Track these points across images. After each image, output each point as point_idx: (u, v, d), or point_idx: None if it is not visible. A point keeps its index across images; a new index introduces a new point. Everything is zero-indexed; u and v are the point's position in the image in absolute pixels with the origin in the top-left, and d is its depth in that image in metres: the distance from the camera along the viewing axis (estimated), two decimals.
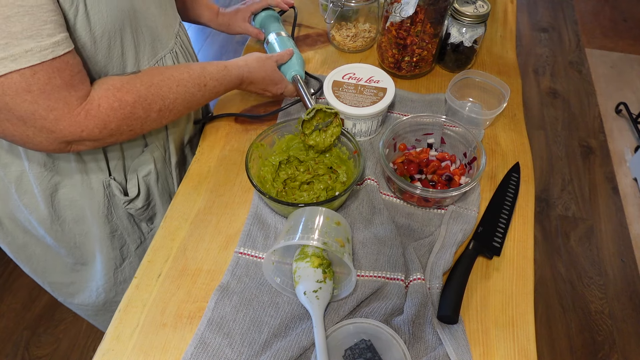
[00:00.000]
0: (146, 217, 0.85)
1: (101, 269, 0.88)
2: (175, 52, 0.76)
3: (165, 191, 0.84)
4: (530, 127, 2.07)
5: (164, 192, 0.84)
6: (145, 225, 0.86)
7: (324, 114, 0.73)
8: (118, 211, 0.80)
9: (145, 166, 0.78)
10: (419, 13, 0.81)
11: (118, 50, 0.64)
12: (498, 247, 0.69)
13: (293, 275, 0.63)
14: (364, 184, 0.75)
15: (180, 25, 0.80)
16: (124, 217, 0.82)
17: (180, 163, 0.86)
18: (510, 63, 0.99)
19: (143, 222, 0.86)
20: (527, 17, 2.70)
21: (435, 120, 0.77)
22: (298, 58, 0.87)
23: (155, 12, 0.70)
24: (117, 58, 0.64)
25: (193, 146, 0.89)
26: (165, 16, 0.73)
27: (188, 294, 0.65)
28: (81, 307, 0.96)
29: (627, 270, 1.66)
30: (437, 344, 0.59)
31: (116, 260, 0.87)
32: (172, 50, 0.75)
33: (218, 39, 2.59)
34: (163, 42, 0.72)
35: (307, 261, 0.61)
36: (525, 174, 0.79)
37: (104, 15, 0.58)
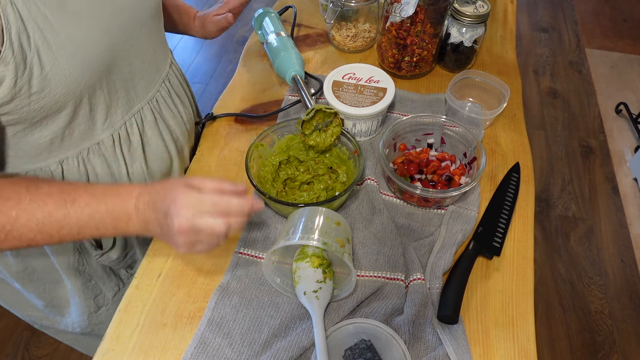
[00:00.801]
0: (124, 266, 0.80)
1: (75, 313, 0.83)
2: (155, 102, 0.70)
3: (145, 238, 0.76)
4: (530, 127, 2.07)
5: (144, 239, 0.76)
6: (124, 272, 0.82)
7: (323, 114, 0.73)
8: (91, 262, 0.76)
9: None
10: (419, 13, 0.81)
11: (85, 108, 0.58)
12: (498, 247, 0.69)
13: (293, 275, 0.63)
14: (364, 184, 0.75)
15: (171, 66, 0.75)
16: (98, 268, 0.77)
17: None
18: (510, 63, 0.99)
19: (122, 270, 0.81)
20: (527, 17, 2.70)
21: (435, 120, 0.77)
22: (298, 58, 0.87)
23: (137, 63, 0.64)
24: (84, 117, 0.59)
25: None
26: (150, 63, 0.67)
27: (188, 294, 0.65)
28: (59, 334, 0.92)
29: (627, 270, 1.66)
30: (437, 344, 0.59)
31: (90, 308, 0.82)
32: (152, 100, 0.69)
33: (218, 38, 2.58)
34: (142, 93, 0.67)
35: (307, 261, 0.61)
36: (525, 174, 0.79)
37: (66, 76, 0.52)
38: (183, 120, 0.77)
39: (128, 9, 0.60)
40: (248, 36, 1.05)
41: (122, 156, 0.67)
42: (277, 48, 0.89)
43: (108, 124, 0.63)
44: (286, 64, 0.86)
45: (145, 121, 0.69)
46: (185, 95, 0.80)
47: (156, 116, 0.70)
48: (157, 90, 0.70)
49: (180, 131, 0.76)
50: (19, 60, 0.47)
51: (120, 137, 0.65)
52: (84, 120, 0.59)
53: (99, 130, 0.62)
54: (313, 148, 0.76)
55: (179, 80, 0.78)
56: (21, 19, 0.47)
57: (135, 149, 0.68)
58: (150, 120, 0.69)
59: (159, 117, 0.71)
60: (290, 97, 0.91)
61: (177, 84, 0.77)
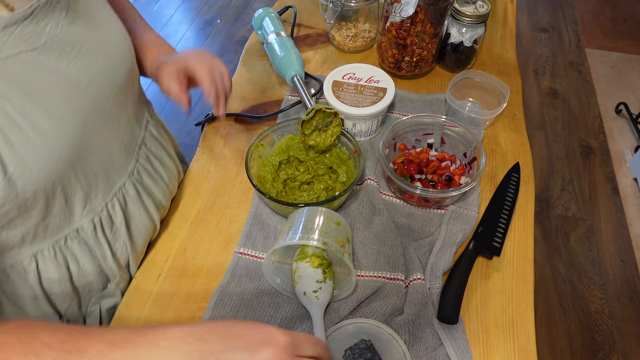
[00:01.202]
0: None
1: None
2: (137, 174, 0.63)
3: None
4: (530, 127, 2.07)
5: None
6: None
7: (323, 114, 0.73)
8: None
9: (110, 299, 0.65)
10: (419, 13, 0.81)
11: (59, 201, 0.51)
12: (498, 247, 0.69)
13: (293, 275, 0.63)
14: (364, 184, 0.75)
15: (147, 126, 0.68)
16: None
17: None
18: (510, 63, 0.99)
19: None
20: (527, 17, 2.70)
21: (435, 120, 0.77)
22: (298, 58, 0.87)
23: (112, 137, 0.58)
24: (60, 209, 0.52)
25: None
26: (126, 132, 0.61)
27: (188, 294, 0.65)
28: None
29: (627, 270, 1.66)
30: (437, 344, 0.59)
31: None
32: (134, 172, 0.63)
33: (218, 38, 2.59)
34: (121, 169, 0.61)
35: (307, 261, 0.61)
36: (525, 174, 0.79)
37: (34, 173, 0.46)
38: (165, 182, 0.70)
39: (98, 79, 0.54)
40: (248, 36, 1.05)
41: (105, 239, 0.60)
42: (277, 48, 0.89)
43: (88, 210, 0.56)
44: (286, 64, 0.86)
45: (128, 197, 0.62)
46: (166, 152, 0.72)
47: (138, 189, 0.64)
48: (137, 161, 0.64)
49: (163, 195, 0.69)
50: None
51: (102, 219, 0.58)
52: (60, 212, 0.53)
53: (77, 217, 0.55)
54: (313, 148, 0.76)
55: (157, 139, 0.70)
56: None
57: (118, 228, 0.61)
58: (132, 195, 0.63)
59: (142, 189, 0.64)
60: (290, 97, 0.91)
61: (155, 145, 0.69)
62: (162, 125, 0.77)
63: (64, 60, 0.49)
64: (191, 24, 2.71)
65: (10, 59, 0.44)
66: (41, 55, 0.47)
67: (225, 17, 2.72)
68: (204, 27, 2.68)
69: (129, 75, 0.60)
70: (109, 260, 0.61)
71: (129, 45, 0.61)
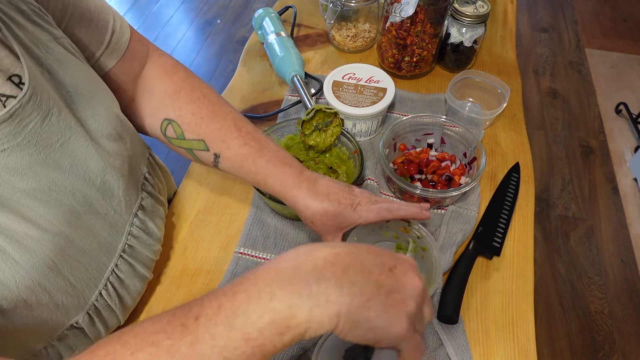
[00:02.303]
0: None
1: None
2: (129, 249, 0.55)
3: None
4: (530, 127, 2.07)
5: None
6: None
7: (323, 114, 0.73)
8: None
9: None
10: (419, 13, 0.81)
11: (48, 305, 0.45)
12: (498, 247, 0.69)
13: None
14: (364, 184, 0.75)
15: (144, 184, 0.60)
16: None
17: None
18: (510, 63, 0.99)
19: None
20: (527, 17, 2.70)
21: (435, 120, 0.77)
22: (298, 58, 0.87)
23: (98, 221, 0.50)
24: (49, 313, 0.46)
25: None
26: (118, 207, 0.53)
27: (188, 294, 0.65)
28: None
29: (627, 270, 1.66)
30: (438, 344, 0.59)
31: None
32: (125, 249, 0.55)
33: (218, 38, 2.59)
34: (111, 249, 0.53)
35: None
36: (525, 174, 0.79)
37: (12, 289, 0.41)
38: (158, 238, 0.62)
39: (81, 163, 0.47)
40: (248, 36, 1.05)
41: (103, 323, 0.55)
42: (277, 48, 0.89)
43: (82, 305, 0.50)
44: (286, 64, 0.86)
45: (122, 275, 0.55)
46: (161, 204, 0.65)
47: (131, 262, 0.56)
48: (129, 232, 0.55)
49: (154, 251, 0.61)
50: None
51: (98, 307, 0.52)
52: (49, 317, 0.46)
53: (71, 314, 0.49)
54: (313, 148, 0.76)
55: (152, 194, 0.62)
56: None
57: (114, 308, 0.55)
58: (126, 272, 0.56)
59: (135, 261, 0.57)
60: (290, 97, 0.91)
61: (152, 203, 0.61)
62: (156, 164, 0.69)
63: (42, 152, 0.42)
64: (191, 24, 2.71)
65: None
66: (11, 157, 0.40)
67: (225, 17, 2.72)
68: (204, 27, 2.68)
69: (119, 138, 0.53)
70: (102, 336, 0.55)
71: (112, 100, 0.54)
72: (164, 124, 0.59)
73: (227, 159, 0.58)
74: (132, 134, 0.58)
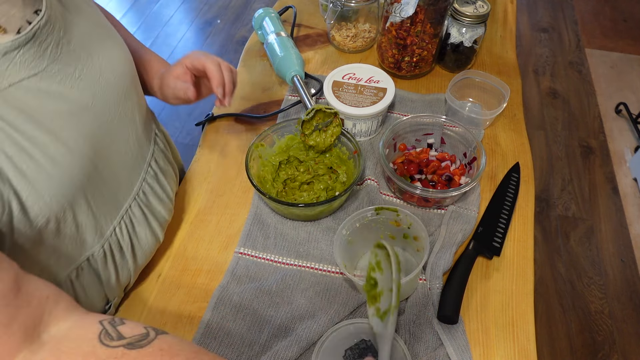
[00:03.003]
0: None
1: None
2: (142, 195, 0.62)
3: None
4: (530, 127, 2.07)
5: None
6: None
7: (323, 114, 0.73)
8: None
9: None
10: (419, 13, 0.81)
11: (71, 227, 0.50)
12: (498, 247, 0.69)
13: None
14: (364, 184, 0.75)
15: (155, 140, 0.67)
16: None
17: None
18: (510, 63, 0.99)
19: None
20: (527, 17, 2.70)
21: (435, 120, 0.77)
22: (298, 58, 0.87)
23: (119, 156, 0.57)
24: (71, 236, 0.51)
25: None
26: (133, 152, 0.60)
27: (188, 294, 0.65)
28: None
29: (627, 270, 1.66)
30: (438, 344, 0.59)
31: None
32: (139, 194, 0.61)
33: (218, 38, 2.59)
34: (127, 190, 0.60)
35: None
36: (525, 174, 0.79)
37: (46, 201, 0.45)
38: (169, 198, 0.69)
39: (103, 97, 0.53)
40: (248, 36, 1.05)
41: (114, 265, 0.59)
42: (277, 48, 0.89)
43: (98, 236, 0.55)
44: (286, 64, 0.86)
45: (135, 220, 0.61)
46: (171, 166, 0.71)
47: (144, 210, 0.63)
48: (143, 179, 0.63)
49: (167, 210, 0.67)
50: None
51: (111, 245, 0.58)
52: (71, 241, 0.52)
53: (88, 245, 0.54)
54: (313, 148, 0.76)
55: (164, 153, 0.70)
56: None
57: (125, 252, 0.60)
58: (138, 217, 0.62)
59: (147, 210, 0.63)
60: (290, 97, 0.91)
61: (162, 160, 0.68)
62: (167, 137, 0.77)
63: (67, 82, 0.48)
64: (191, 24, 2.71)
65: (14, 87, 0.43)
66: (44, 80, 0.46)
67: (225, 17, 2.72)
68: (204, 27, 2.68)
69: (133, 87, 0.59)
70: (112, 284, 0.60)
71: (128, 56, 0.60)
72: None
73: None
74: (141, 91, 0.64)
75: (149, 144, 0.65)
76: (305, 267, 0.67)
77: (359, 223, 0.64)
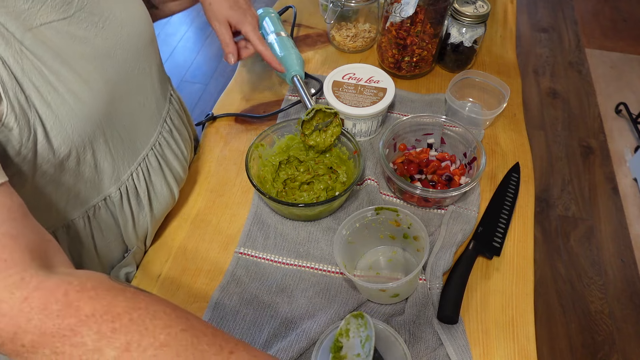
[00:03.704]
0: None
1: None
2: (158, 147, 0.66)
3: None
4: (530, 127, 2.07)
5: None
6: None
7: (323, 114, 0.73)
8: None
9: (126, 269, 0.68)
10: (419, 13, 0.81)
11: (90, 164, 0.54)
12: (498, 247, 0.69)
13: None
14: (364, 184, 0.75)
15: (171, 100, 0.71)
16: None
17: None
18: (510, 63, 0.99)
19: None
20: (527, 17, 2.70)
21: (435, 120, 0.77)
22: (298, 58, 0.87)
23: (137, 106, 0.60)
24: (90, 173, 0.55)
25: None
26: (150, 104, 0.64)
27: (188, 294, 0.65)
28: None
29: (627, 270, 1.66)
30: (438, 344, 0.59)
31: None
32: (156, 145, 0.65)
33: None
34: (145, 139, 0.63)
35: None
36: (525, 174, 0.79)
37: (69, 133, 0.48)
38: (184, 156, 0.72)
39: (124, 48, 0.56)
40: None
41: (130, 207, 0.63)
42: (277, 48, 0.89)
43: (115, 179, 0.59)
44: (286, 64, 0.86)
45: (151, 168, 0.65)
46: (185, 127, 0.75)
47: (160, 161, 0.66)
48: (160, 133, 0.66)
49: (182, 168, 0.71)
50: (23, 124, 0.44)
51: (128, 189, 0.61)
52: (90, 177, 0.55)
53: (105, 185, 0.58)
54: (313, 148, 0.76)
55: (179, 114, 0.74)
56: (15, 78, 0.43)
57: (142, 198, 0.64)
58: (155, 167, 0.65)
59: (163, 161, 0.67)
60: (290, 97, 0.91)
61: (177, 119, 0.72)
62: (181, 101, 0.79)
63: (92, 30, 0.52)
64: (191, 24, 2.71)
65: (44, 26, 0.47)
66: (72, 24, 0.49)
67: None
68: (204, 27, 2.68)
69: (151, 43, 0.63)
70: (130, 230, 0.64)
71: (147, 16, 0.63)
72: None
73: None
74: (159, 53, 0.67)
75: (164, 101, 0.69)
76: (305, 267, 0.67)
77: (359, 223, 0.64)
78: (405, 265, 0.67)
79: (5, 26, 0.43)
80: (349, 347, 0.56)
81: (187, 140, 0.75)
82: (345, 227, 0.63)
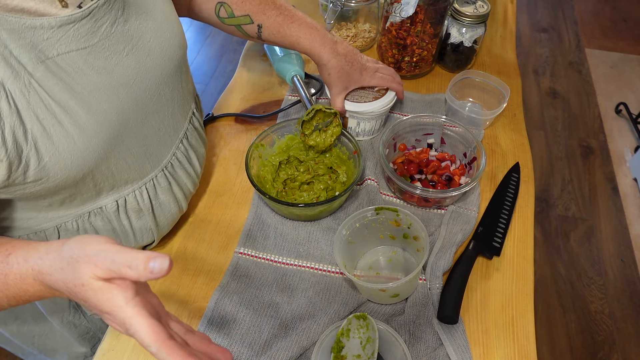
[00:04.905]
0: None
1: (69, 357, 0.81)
2: (170, 167, 0.63)
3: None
4: (530, 127, 2.07)
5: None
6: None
7: (323, 114, 0.73)
8: (88, 315, 0.75)
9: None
10: (419, 13, 0.81)
11: (88, 185, 0.53)
12: (498, 247, 0.69)
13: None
14: (364, 184, 0.75)
15: (191, 119, 0.67)
16: (96, 320, 0.76)
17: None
18: (510, 63, 0.99)
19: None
20: (527, 17, 2.70)
21: (435, 120, 0.77)
22: (298, 58, 0.87)
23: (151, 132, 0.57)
24: (87, 191, 0.54)
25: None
26: (167, 128, 0.61)
27: (188, 294, 0.65)
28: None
29: (627, 270, 1.66)
30: (438, 344, 0.59)
31: (87, 356, 0.80)
32: (167, 166, 0.62)
33: (218, 38, 2.58)
34: (156, 161, 0.61)
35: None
36: (525, 174, 0.79)
37: (67, 164, 0.47)
38: (196, 173, 0.70)
39: (145, 77, 0.53)
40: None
41: (127, 218, 0.61)
42: (277, 48, 0.89)
43: (114, 192, 0.57)
44: (286, 64, 0.86)
45: (159, 187, 0.62)
46: (202, 145, 0.71)
47: (170, 181, 0.64)
48: (173, 154, 0.63)
49: (192, 184, 0.69)
50: (13, 157, 0.42)
51: (127, 201, 0.59)
52: (87, 192, 0.54)
53: (102, 197, 0.57)
54: (313, 148, 0.76)
55: (198, 132, 0.70)
56: (17, 112, 0.42)
57: (144, 212, 0.62)
58: (164, 186, 0.63)
59: (173, 181, 0.64)
60: (290, 97, 0.91)
61: (195, 138, 0.68)
62: (202, 125, 0.76)
63: (113, 58, 0.49)
64: (191, 24, 2.71)
65: (61, 57, 0.45)
66: (91, 54, 0.47)
67: None
68: (204, 27, 2.68)
69: (177, 71, 0.60)
70: (130, 238, 0.63)
71: (180, 40, 0.60)
72: (217, 7, 0.71)
73: (267, 27, 0.72)
74: (188, 73, 0.65)
75: (184, 121, 0.65)
76: (305, 267, 0.67)
77: (359, 223, 0.64)
78: (405, 265, 0.67)
79: (17, 59, 0.41)
80: (349, 347, 0.56)
81: (203, 156, 0.72)
82: (345, 227, 0.63)
